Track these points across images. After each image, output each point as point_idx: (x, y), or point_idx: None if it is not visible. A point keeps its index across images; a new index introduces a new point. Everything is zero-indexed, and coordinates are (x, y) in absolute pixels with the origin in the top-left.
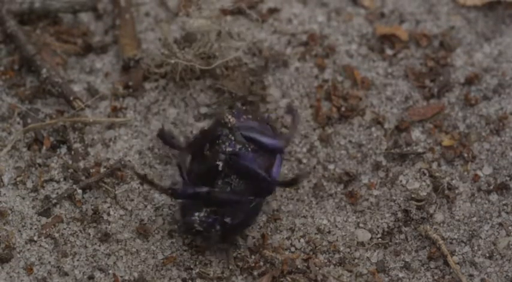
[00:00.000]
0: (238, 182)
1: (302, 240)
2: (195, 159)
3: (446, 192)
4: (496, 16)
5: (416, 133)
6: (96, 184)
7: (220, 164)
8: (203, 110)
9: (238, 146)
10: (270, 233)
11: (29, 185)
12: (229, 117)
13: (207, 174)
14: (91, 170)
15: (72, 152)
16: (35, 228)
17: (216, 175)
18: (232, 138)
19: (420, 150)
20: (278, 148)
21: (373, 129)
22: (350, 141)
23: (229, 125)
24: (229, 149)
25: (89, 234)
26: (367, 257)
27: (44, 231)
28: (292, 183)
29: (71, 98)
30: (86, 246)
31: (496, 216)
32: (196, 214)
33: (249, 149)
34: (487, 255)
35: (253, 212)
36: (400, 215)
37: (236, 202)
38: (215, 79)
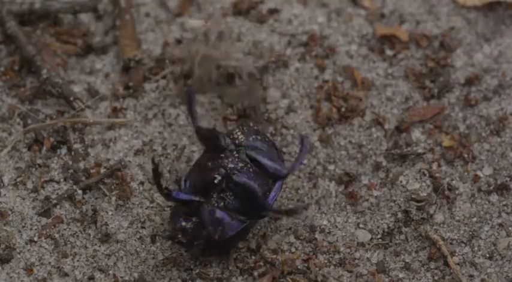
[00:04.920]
0: (232, 199)
1: (302, 240)
2: (195, 167)
3: (447, 192)
4: (496, 17)
5: (416, 134)
6: (96, 185)
7: (218, 177)
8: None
9: (240, 165)
10: (270, 233)
11: (29, 185)
12: (239, 133)
13: (204, 184)
14: (91, 171)
15: (73, 153)
16: (35, 229)
17: (211, 188)
18: (237, 155)
19: (420, 150)
20: (280, 176)
21: (373, 129)
22: (350, 142)
23: (236, 142)
24: (230, 166)
25: (89, 234)
26: (367, 258)
27: (44, 232)
28: (288, 213)
29: (71, 99)
30: (86, 247)
31: (496, 216)
32: (184, 223)
33: (250, 170)
34: (487, 255)
35: (241, 232)
36: (400, 215)
37: (226, 219)
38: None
